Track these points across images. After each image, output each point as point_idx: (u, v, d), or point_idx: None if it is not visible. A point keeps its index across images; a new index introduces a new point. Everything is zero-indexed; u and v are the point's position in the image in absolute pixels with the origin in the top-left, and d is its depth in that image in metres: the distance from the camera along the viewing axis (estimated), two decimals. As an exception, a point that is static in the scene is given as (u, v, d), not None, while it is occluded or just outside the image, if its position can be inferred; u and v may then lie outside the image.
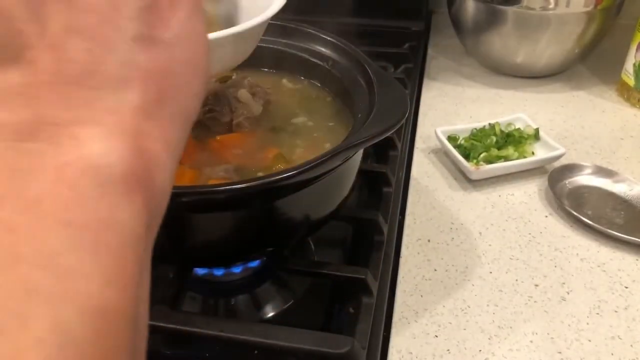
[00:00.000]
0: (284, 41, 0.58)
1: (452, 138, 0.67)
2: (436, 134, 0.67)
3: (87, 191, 0.17)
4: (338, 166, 0.41)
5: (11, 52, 0.18)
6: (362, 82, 0.50)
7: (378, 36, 0.91)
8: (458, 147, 0.65)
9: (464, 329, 0.46)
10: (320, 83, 0.57)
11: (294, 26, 0.57)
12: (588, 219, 0.56)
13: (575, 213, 0.57)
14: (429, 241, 0.55)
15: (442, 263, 0.53)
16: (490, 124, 0.69)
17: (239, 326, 0.43)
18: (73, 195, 0.16)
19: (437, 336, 0.46)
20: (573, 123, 0.75)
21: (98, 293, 0.16)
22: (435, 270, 0.52)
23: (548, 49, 0.80)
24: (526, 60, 0.82)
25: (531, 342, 0.45)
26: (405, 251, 0.54)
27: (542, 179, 0.63)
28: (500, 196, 0.61)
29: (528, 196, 0.61)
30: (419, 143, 0.71)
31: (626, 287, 0.50)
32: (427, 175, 0.65)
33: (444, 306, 0.48)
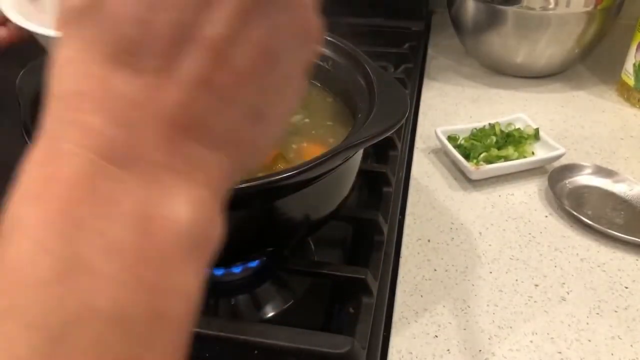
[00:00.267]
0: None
1: (452, 138, 0.67)
2: (436, 134, 0.67)
3: (168, 252, 0.17)
4: (338, 166, 0.41)
5: (136, 60, 0.18)
6: (362, 82, 0.50)
7: (378, 36, 0.91)
8: (458, 147, 0.65)
9: (464, 329, 0.46)
10: (320, 83, 0.57)
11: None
12: (588, 219, 0.56)
13: (575, 213, 0.57)
14: (429, 241, 0.55)
15: (442, 263, 0.53)
16: (490, 124, 0.69)
17: (239, 326, 0.43)
18: (154, 252, 0.17)
19: (437, 336, 0.46)
20: (573, 123, 0.75)
21: (147, 329, 0.17)
22: (435, 270, 0.52)
23: (548, 49, 0.80)
24: (526, 60, 0.82)
25: (531, 342, 0.45)
26: (405, 251, 0.54)
27: (542, 179, 0.63)
28: (500, 196, 0.61)
29: (528, 196, 0.61)
30: (419, 143, 0.71)
31: (626, 287, 0.50)
32: (427, 175, 0.65)
33: (444, 306, 0.48)
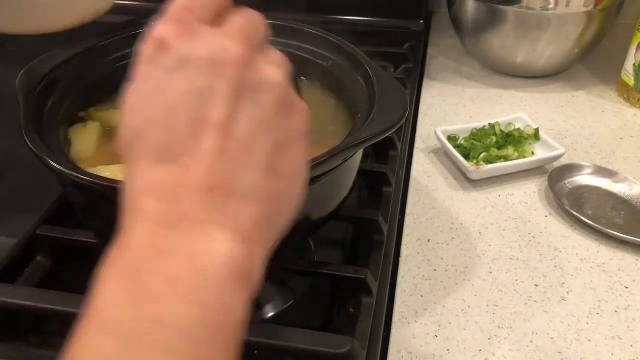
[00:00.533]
0: (284, 41, 0.58)
1: (452, 138, 0.67)
2: (436, 134, 0.67)
3: (214, 278, 0.22)
4: (338, 166, 0.41)
5: (170, 156, 0.24)
6: (362, 82, 0.50)
7: (378, 36, 0.91)
8: (458, 147, 0.65)
9: (464, 329, 0.46)
10: (320, 83, 0.57)
11: (294, 26, 0.57)
12: (588, 219, 0.56)
13: (575, 213, 0.57)
14: (429, 241, 0.55)
15: (442, 263, 0.53)
16: (490, 124, 0.69)
17: (239, 326, 0.43)
18: (203, 279, 0.21)
19: (437, 336, 0.46)
20: (573, 123, 0.75)
21: None
22: (435, 270, 0.52)
23: (548, 49, 0.80)
24: (526, 60, 0.82)
25: (531, 342, 0.45)
26: (405, 251, 0.54)
27: (542, 179, 0.63)
28: (500, 196, 0.61)
29: (528, 196, 0.61)
30: (419, 143, 0.71)
31: (626, 287, 0.50)
32: (427, 175, 0.65)
33: (444, 306, 0.48)
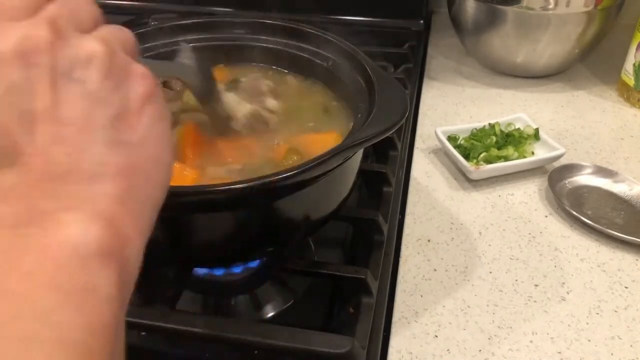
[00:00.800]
0: (284, 41, 0.58)
1: (452, 138, 0.67)
2: (436, 134, 0.67)
3: (69, 263, 0.21)
4: (338, 166, 0.41)
5: (8, 159, 0.23)
6: (362, 82, 0.50)
7: (378, 36, 0.91)
8: (458, 147, 0.65)
9: (464, 329, 0.46)
10: (320, 83, 0.57)
11: (294, 26, 0.57)
12: (588, 219, 0.56)
13: (575, 213, 0.57)
14: (429, 241, 0.55)
15: (442, 263, 0.53)
16: (490, 124, 0.69)
17: (239, 326, 0.43)
18: (58, 267, 0.21)
19: (437, 336, 0.46)
20: (573, 123, 0.75)
21: (83, 339, 0.20)
22: (435, 270, 0.52)
23: (548, 49, 0.80)
24: (526, 60, 0.82)
25: (531, 342, 0.45)
26: (405, 251, 0.54)
27: (542, 179, 0.63)
28: (500, 196, 0.61)
29: (528, 196, 0.61)
30: (419, 143, 0.71)
31: (626, 287, 0.50)
32: (427, 175, 0.65)
33: (444, 306, 0.48)
